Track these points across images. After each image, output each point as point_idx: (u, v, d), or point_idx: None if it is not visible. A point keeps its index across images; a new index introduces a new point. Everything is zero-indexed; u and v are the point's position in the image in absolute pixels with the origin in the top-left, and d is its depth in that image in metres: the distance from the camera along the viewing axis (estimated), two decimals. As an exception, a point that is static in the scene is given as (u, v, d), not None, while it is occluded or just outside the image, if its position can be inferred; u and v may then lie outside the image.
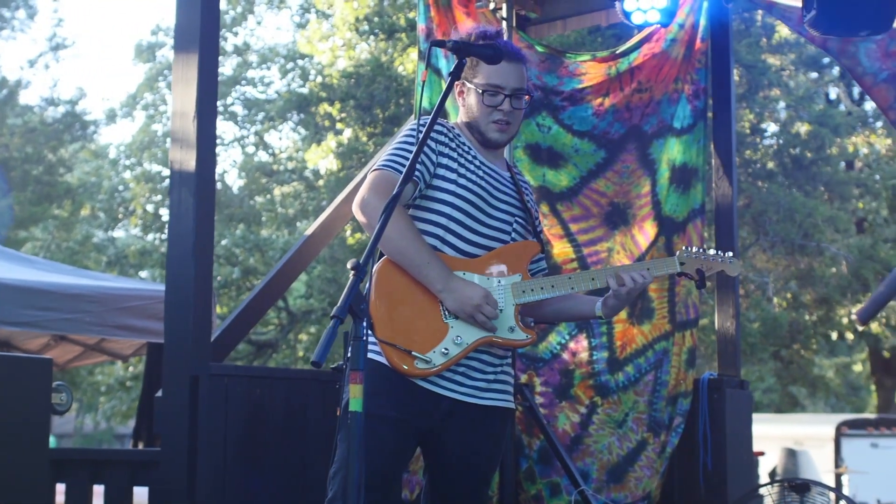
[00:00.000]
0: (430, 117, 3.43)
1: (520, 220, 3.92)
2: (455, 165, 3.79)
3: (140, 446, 9.41)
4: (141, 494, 5.44)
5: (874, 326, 17.05)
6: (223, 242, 23.33)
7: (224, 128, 26.99)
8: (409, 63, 16.43)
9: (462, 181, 3.78)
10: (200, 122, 5.18)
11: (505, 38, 3.93)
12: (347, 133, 17.15)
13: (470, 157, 3.84)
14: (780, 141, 15.02)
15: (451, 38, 6.03)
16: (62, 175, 26.25)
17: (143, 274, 24.23)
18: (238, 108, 26.95)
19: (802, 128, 15.09)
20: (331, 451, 5.42)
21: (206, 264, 5.16)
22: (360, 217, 3.68)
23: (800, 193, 14.34)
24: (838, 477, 13.36)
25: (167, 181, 26.56)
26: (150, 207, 26.18)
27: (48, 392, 4.56)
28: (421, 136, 3.37)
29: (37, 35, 51.69)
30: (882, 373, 23.17)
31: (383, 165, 3.73)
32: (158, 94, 27.18)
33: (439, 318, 3.68)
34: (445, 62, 6.21)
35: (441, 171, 3.77)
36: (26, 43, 63.08)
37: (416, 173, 3.69)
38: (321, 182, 21.65)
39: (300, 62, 25.80)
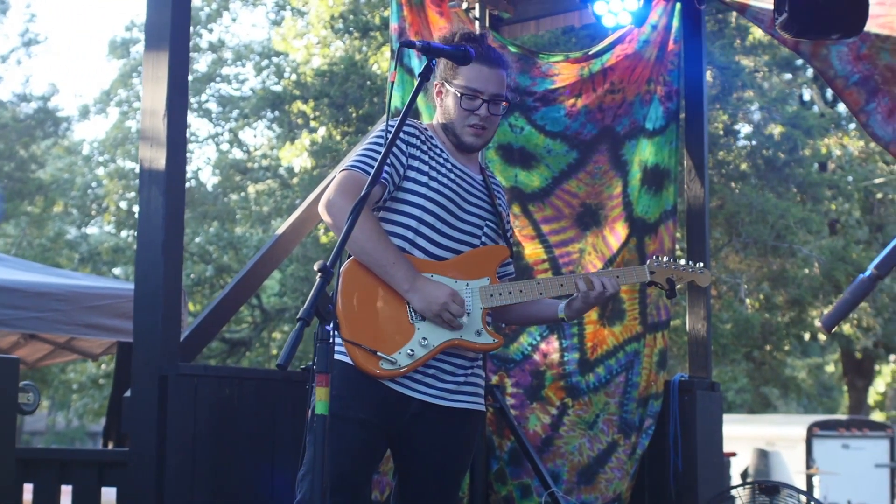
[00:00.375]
0: (399, 119, 3.41)
1: (490, 224, 3.91)
2: (426, 168, 3.78)
3: (110, 446, 9.36)
4: (109, 494, 5.41)
5: (846, 328, 17.13)
6: (197, 240, 23.28)
7: (198, 125, 26.98)
8: (383, 62, 16.41)
9: (433, 184, 3.77)
10: (170, 121, 5.14)
11: (488, 40, 3.90)
12: (321, 131, 17.12)
13: (442, 160, 3.82)
14: (754, 142, 15.06)
15: (422, 39, 6.07)
16: (34, 171, 26.10)
17: (117, 271, 24.19)
18: (212, 105, 26.87)
19: (776, 129, 15.13)
20: (300, 452, 5.42)
21: (176, 264, 5.12)
22: (325, 217, 3.66)
23: (773, 195, 14.38)
24: (809, 478, 13.43)
25: (141, 178, 26.54)
26: (123, 204, 26.09)
27: (15, 392, 4.52)
28: (389, 137, 3.35)
29: (9, 30, 51.27)
30: (854, 374, 23.31)
31: (351, 166, 3.71)
32: (132, 90, 27.06)
33: (406, 319, 3.66)
34: (418, 62, 6.19)
35: (411, 174, 3.75)
36: (-2, 38, 62.69)
37: (385, 175, 3.67)
38: (295, 180, 21.62)
39: (275, 59, 25.76)
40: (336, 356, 3.46)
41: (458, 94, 3.81)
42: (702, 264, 4.02)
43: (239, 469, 5.28)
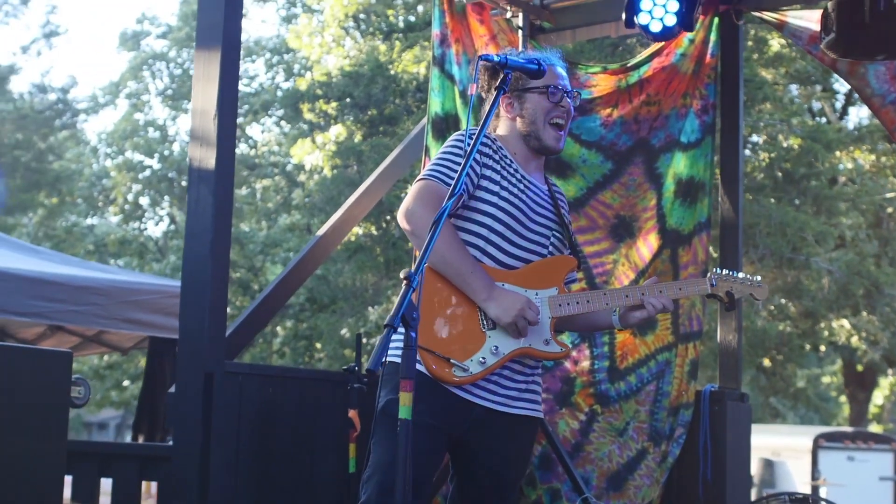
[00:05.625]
0: (478, 131, 3.48)
1: (557, 235, 3.97)
2: (498, 178, 3.84)
3: (140, 439, 9.40)
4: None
5: (854, 340, 17.19)
6: (203, 235, 23.24)
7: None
8: (402, 64, 16.46)
9: (504, 194, 3.83)
10: (221, 121, 5.20)
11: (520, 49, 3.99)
12: (335, 130, 17.14)
13: (511, 171, 3.89)
14: (772, 154, 15.10)
15: (465, 47, 6.14)
16: (51, 162, 26.17)
17: (121, 262, 24.23)
18: (221, 101, 26.82)
19: (793, 142, 15.17)
20: (337, 450, 5.49)
21: (223, 263, 5.19)
22: (405, 226, 3.72)
23: (791, 208, 14.43)
24: (815, 489, 13.46)
25: (148, 171, 26.73)
26: (130, 196, 26.16)
27: (68, 385, 4.57)
28: (468, 150, 3.41)
29: (30, 21, 51.19)
30: (855, 386, 23.34)
31: (428, 176, 3.77)
32: (142, 82, 27.13)
33: (477, 327, 3.72)
34: (458, 69, 6.27)
35: (484, 183, 3.82)
36: (19, 29, 62.63)
37: (461, 185, 3.74)
38: (303, 177, 21.66)
39: (285, 56, 25.80)
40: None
41: (543, 90, 3.91)
42: (759, 278, 4.07)
43: (281, 467, 5.35)
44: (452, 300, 3.72)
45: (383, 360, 3.63)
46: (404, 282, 3.00)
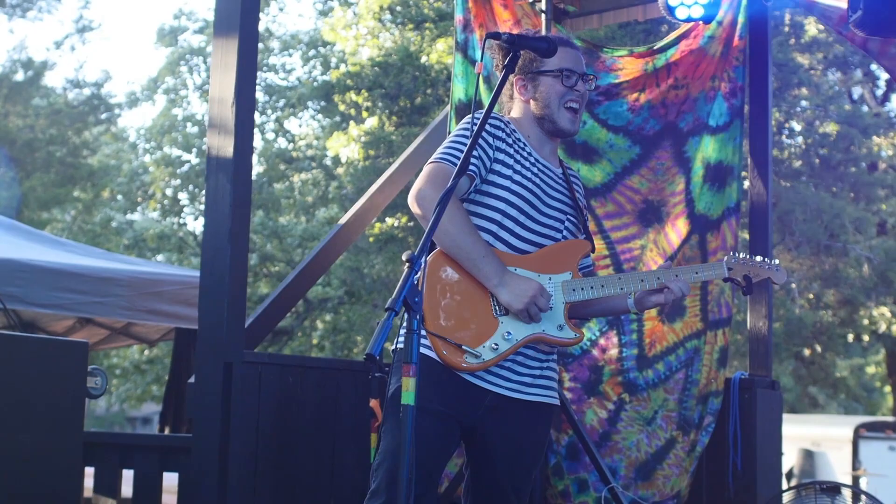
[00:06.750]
0: (485, 111, 3.40)
1: (571, 219, 3.91)
2: (511, 161, 3.78)
3: (166, 431, 9.41)
4: (169, 479, 5.46)
5: (895, 328, 16.97)
6: (241, 228, 23.26)
7: (244, 114, 27.08)
8: (433, 53, 16.40)
9: (517, 177, 3.77)
10: (239, 109, 5.17)
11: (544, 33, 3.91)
12: (371, 122, 17.13)
13: (525, 154, 3.83)
14: (809, 140, 14.93)
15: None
16: (85, 157, 26.26)
17: (160, 257, 24.33)
18: (259, 95, 26.88)
19: (830, 127, 15.00)
20: (358, 440, 5.44)
21: (242, 251, 5.16)
22: (415, 209, 3.66)
23: (827, 194, 14.26)
24: (856, 479, 13.32)
25: (187, 166, 26.78)
26: (168, 191, 26.24)
27: (84, 376, 4.56)
28: (475, 129, 3.33)
29: (63, 16, 51.50)
30: (898, 375, 23.08)
31: (439, 158, 3.71)
32: (180, 78, 27.19)
33: (489, 313, 3.66)
34: (481, 55, 6.19)
35: (497, 167, 3.76)
36: (53, 24, 63.18)
37: (473, 167, 3.67)
38: (340, 169, 21.66)
39: (322, 49, 25.80)
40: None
41: (558, 74, 3.84)
42: (777, 261, 3.99)
43: (301, 456, 5.30)
44: (464, 285, 3.65)
45: (394, 346, 3.62)
46: (406, 264, 2.94)
